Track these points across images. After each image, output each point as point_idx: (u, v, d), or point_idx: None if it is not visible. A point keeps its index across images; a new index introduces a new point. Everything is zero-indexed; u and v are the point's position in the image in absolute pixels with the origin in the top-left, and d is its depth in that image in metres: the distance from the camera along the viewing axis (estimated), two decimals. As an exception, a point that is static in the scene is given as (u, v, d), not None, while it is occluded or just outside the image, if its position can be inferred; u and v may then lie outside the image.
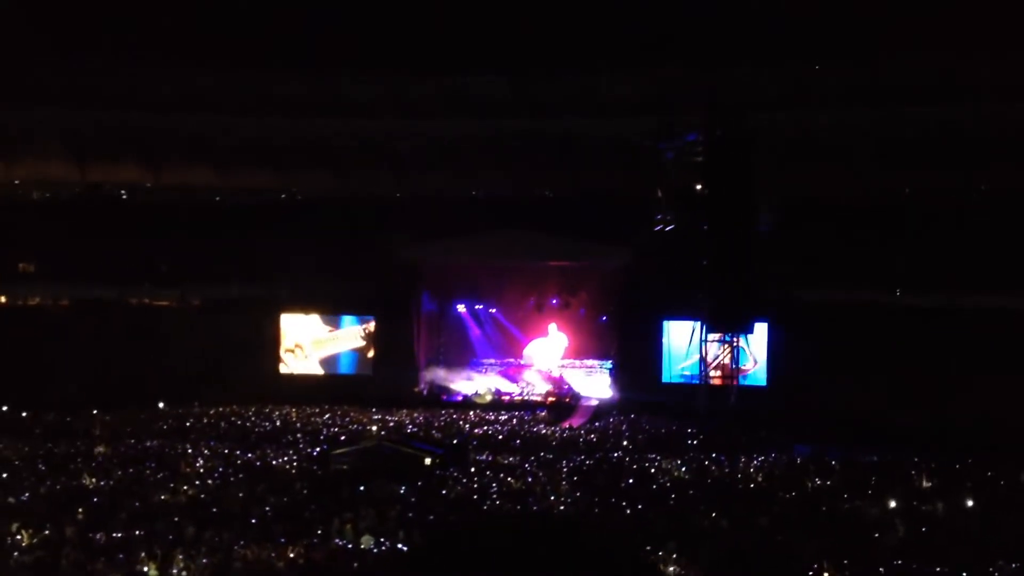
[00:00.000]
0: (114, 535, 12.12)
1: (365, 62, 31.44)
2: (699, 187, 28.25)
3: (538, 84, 32.24)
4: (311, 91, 33.07)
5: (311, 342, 33.50)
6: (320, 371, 33.55)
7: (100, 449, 19.50)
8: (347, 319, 33.69)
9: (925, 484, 16.63)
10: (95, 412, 25.71)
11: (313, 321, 33.61)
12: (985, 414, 25.10)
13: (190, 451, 19.52)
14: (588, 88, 32.30)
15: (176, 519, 12.93)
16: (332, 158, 34.13)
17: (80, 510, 13.38)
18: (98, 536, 12.05)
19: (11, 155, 34.02)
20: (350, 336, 33.69)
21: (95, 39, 30.45)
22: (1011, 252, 28.22)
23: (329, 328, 33.67)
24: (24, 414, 25.33)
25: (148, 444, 20.60)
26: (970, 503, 14.96)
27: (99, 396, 27.86)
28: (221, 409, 27.89)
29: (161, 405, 28.30)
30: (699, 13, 29.33)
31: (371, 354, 33.44)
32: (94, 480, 16.11)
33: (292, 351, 33.43)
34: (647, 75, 31.33)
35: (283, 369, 33.52)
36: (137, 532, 12.23)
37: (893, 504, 14.64)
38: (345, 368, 33.71)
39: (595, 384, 33.60)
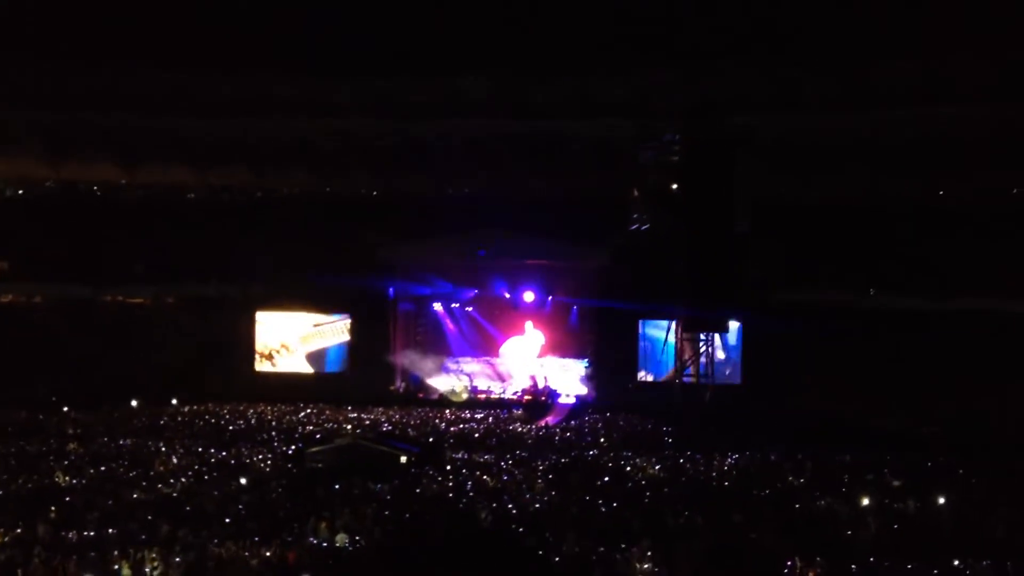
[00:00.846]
0: (86, 534, 12.05)
1: (344, 63, 31.30)
2: (675, 188, 28.37)
3: (517, 85, 32.19)
4: (288, 91, 32.89)
5: (294, 339, 33.50)
6: (296, 369, 33.48)
7: (73, 447, 19.35)
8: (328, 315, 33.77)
9: (897, 483, 16.73)
10: (68, 410, 25.53)
11: (295, 318, 33.59)
12: (958, 414, 25.34)
13: (164, 449, 19.39)
14: (567, 90, 32.27)
15: (150, 517, 12.86)
16: (309, 157, 33.97)
17: (52, 508, 13.29)
18: (70, 535, 11.98)
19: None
20: (334, 332, 33.70)
21: (70, 39, 30.16)
22: (986, 255, 28.52)
23: (313, 324, 33.67)
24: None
25: (122, 442, 20.44)
26: (941, 501, 15.08)
27: (72, 394, 27.68)
28: (196, 407, 27.78)
29: (134, 403, 28.11)
30: (679, 15, 29.37)
31: (348, 353, 33.43)
32: (67, 478, 16.00)
33: (277, 351, 33.43)
34: (626, 77, 31.35)
35: (259, 367, 33.45)
36: (110, 531, 12.16)
37: (866, 502, 14.72)
38: (323, 366, 33.67)
39: (571, 382, 33.68)
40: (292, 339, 33.61)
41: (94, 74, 31.85)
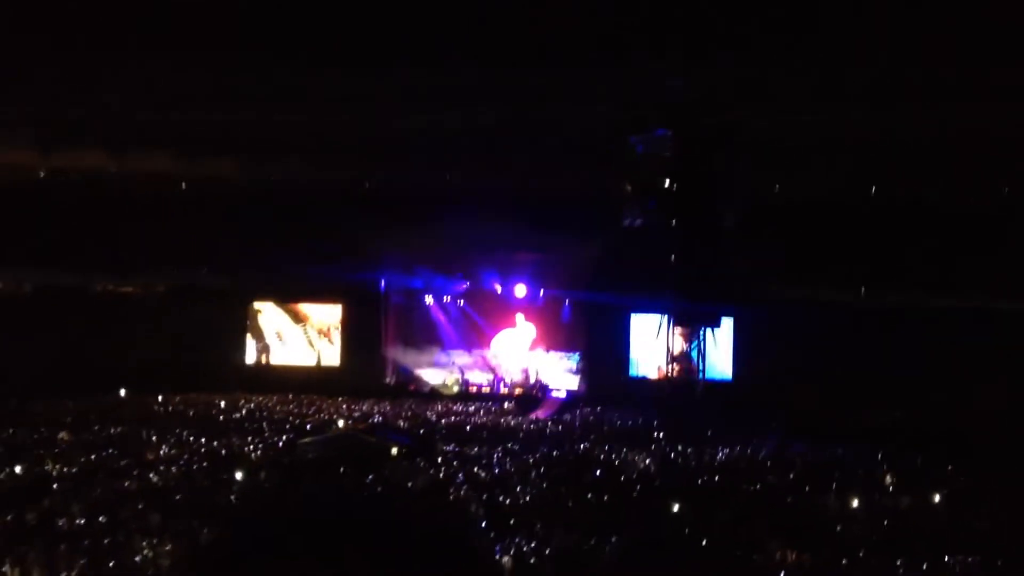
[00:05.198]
0: (77, 522, 12.03)
1: (333, 51, 31.13)
2: (667, 183, 28.36)
3: (508, 76, 32.08)
4: (278, 79, 32.72)
5: (284, 330, 33.52)
6: (287, 361, 33.50)
7: (63, 436, 19.30)
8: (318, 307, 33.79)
9: (888, 480, 16.78)
10: (58, 399, 25.46)
11: (286, 309, 33.63)
12: (949, 412, 25.44)
13: (155, 439, 19.36)
14: (558, 81, 32.16)
15: (141, 507, 12.85)
16: (298, 147, 33.82)
17: (43, 497, 13.26)
18: (61, 523, 11.96)
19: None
20: (323, 324, 33.76)
21: (58, 26, 29.98)
22: (979, 254, 28.59)
23: (301, 316, 33.71)
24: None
25: (112, 431, 20.40)
26: (934, 498, 15.14)
27: (62, 383, 27.61)
28: (186, 397, 27.76)
29: (123, 392, 28.06)
30: (671, 7, 29.29)
31: (339, 345, 33.47)
32: (57, 467, 15.96)
33: (268, 342, 33.50)
34: (618, 69, 31.26)
35: (250, 358, 33.47)
36: (101, 519, 12.15)
37: (856, 499, 14.76)
38: (313, 358, 33.70)
39: (563, 376, 33.72)
40: (283, 330, 33.62)
41: (82, 63, 31.66)
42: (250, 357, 33.64)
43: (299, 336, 33.80)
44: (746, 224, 28.37)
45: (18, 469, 15.29)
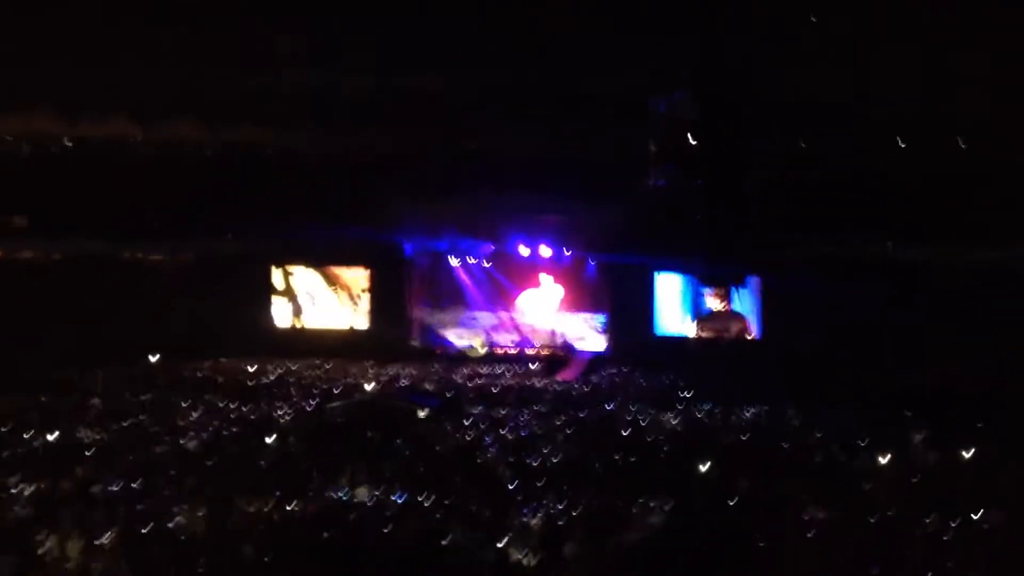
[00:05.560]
0: (111, 489, 12.18)
1: (353, 15, 30.95)
2: (692, 142, 28.15)
3: (528, 38, 31.81)
4: (298, 43, 32.60)
5: (311, 294, 33.74)
6: (314, 325, 33.70)
7: (95, 403, 19.50)
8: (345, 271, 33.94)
9: (917, 436, 16.72)
10: (89, 366, 25.70)
11: (312, 273, 33.82)
12: (978, 367, 25.28)
13: (185, 405, 19.54)
14: (580, 42, 31.88)
15: (173, 472, 13.00)
16: (321, 113, 33.72)
17: (76, 464, 13.43)
18: (95, 490, 12.11)
19: (-1, 109, 33.62)
20: (350, 287, 33.93)
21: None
22: (1008, 208, 28.25)
23: (328, 280, 33.88)
24: (17, 369, 25.29)
25: (143, 398, 20.60)
26: (963, 456, 15.09)
27: (92, 351, 27.88)
28: (216, 363, 27.96)
29: (154, 359, 28.30)
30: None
31: (366, 308, 33.61)
32: (90, 433, 16.14)
33: (295, 306, 33.73)
34: (640, 29, 30.95)
35: (278, 323, 33.70)
36: (134, 485, 12.30)
37: (885, 457, 14.72)
38: (340, 321, 33.88)
39: (589, 337, 33.75)
40: (310, 294, 33.81)
41: (105, 28, 31.63)
42: (278, 322, 33.86)
43: (326, 300, 33.96)
44: (772, 182, 28.18)
45: (51, 437, 15.46)
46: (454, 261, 35.08)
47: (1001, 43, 27.96)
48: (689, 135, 28.06)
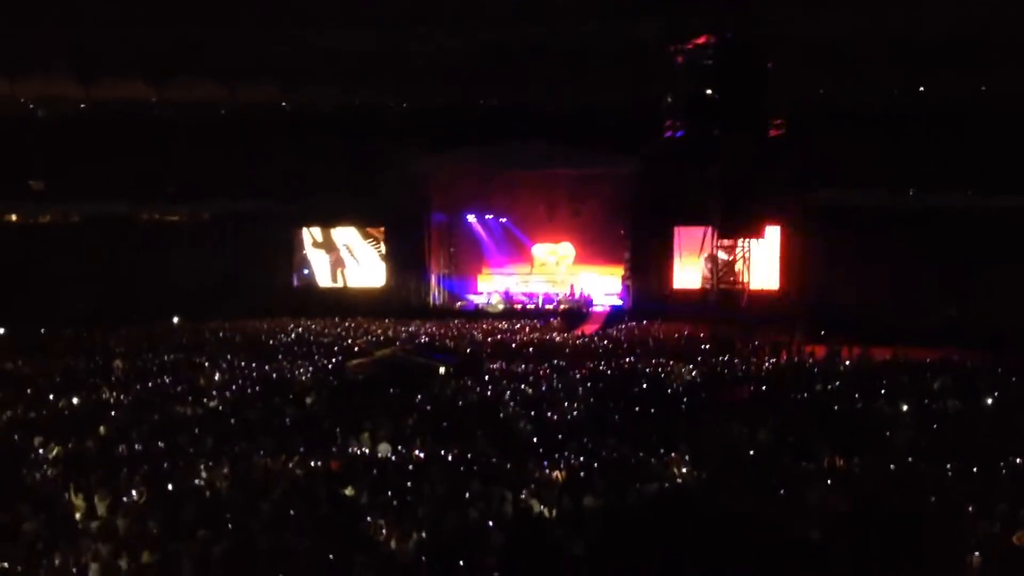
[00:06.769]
0: (136, 448, 12.30)
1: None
2: (709, 92, 27.82)
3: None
4: (315, 2, 32.37)
5: (330, 253, 33.93)
6: (334, 284, 33.87)
7: (118, 364, 19.65)
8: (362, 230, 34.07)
9: (936, 383, 16.67)
10: (111, 328, 25.87)
11: (330, 232, 33.95)
12: (999, 313, 25.17)
13: (207, 365, 19.67)
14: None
15: (197, 431, 13.11)
16: (337, 71, 33.55)
17: (101, 425, 13.56)
18: (120, 449, 12.23)
19: (16, 72, 33.58)
20: (368, 245, 34.05)
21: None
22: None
23: (346, 239, 34.02)
24: (41, 330, 25.51)
25: (165, 358, 20.76)
26: (983, 401, 15.05)
27: (113, 312, 28.09)
28: (236, 323, 28.09)
29: (176, 320, 28.50)
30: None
31: (385, 266, 33.70)
32: (114, 394, 16.29)
33: (313, 265, 33.94)
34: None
35: (296, 282, 33.88)
36: (158, 445, 12.41)
37: (905, 404, 14.70)
38: (359, 280, 34.00)
39: (607, 291, 33.75)
40: (329, 253, 33.95)
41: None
42: (297, 281, 34.05)
43: (345, 258, 34.07)
44: (790, 131, 27.90)
45: (75, 399, 15.60)
46: (471, 218, 35.07)
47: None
48: (706, 84, 27.68)
